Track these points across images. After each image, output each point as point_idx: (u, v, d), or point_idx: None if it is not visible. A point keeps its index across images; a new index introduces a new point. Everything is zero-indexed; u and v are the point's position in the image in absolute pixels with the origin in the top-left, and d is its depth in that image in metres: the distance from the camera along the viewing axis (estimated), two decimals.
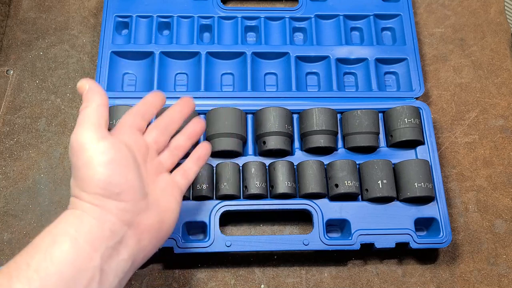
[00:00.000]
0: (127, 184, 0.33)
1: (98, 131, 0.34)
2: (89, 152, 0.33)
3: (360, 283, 0.53)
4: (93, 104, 0.36)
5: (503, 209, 0.58)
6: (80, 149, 0.33)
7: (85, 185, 0.33)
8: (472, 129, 0.62)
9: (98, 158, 0.33)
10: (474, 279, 0.54)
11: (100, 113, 0.35)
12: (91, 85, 0.37)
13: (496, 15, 0.69)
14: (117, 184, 0.33)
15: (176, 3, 0.64)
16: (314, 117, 0.55)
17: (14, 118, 0.60)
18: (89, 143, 0.33)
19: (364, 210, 0.53)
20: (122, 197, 0.33)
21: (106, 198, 0.32)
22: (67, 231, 0.31)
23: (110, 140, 0.34)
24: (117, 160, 0.33)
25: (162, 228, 0.37)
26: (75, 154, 0.33)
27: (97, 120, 0.35)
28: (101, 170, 0.32)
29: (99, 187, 0.32)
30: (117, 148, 0.34)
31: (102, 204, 0.32)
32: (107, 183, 0.32)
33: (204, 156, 0.45)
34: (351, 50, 0.62)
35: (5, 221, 0.55)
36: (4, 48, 0.65)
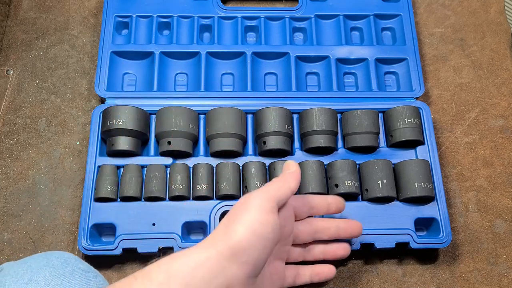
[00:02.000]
0: (254, 260, 0.34)
1: (271, 204, 0.36)
2: (251, 214, 0.35)
3: (360, 283, 0.53)
4: (286, 184, 0.38)
5: (503, 209, 0.58)
6: (246, 207, 0.35)
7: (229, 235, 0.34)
8: (472, 129, 0.62)
9: (254, 225, 0.34)
10: (474, 279, 0.54)
11: (285, 194, 0.38)
12: (296, 170, 0.40)
13: (496, 15, 0.69)
14: (249, 254, 0.34)
15: (176, 3, 0.64)
16: (314, 117, 0.55)
17: (14, 118, 0.60)
18: (256, 207, 0.35)
19: (364, 210, 0.53)
20: (243, 266, 0.34)
21: (231, 258, 0.33)
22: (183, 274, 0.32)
23: (273, 219, 0.35)
24: (264, 237, 0.34)
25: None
26: (239, 207, 0.36)
27: (277, 197, 0.37)
28: (248, 235, 0.34)
29: (237, 246, 0.34)
30: (273, 228, 0.35)
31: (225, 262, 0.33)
32: (244, 248, 0.34)
33: (323, 277, 0.45)
34: (351, 50, 0.62)
35: (5, 221, 0.55)
36: (4, 48, 0.65)
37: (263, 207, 0.35)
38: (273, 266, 0.40)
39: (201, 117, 0.57)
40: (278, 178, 0.39)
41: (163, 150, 0.54)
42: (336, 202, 0.45)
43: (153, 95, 0.58)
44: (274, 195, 0.37)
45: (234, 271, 0.34)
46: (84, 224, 0.51)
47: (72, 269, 0.38)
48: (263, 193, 0.36)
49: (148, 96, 0.58)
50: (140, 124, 0.54)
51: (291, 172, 0.39)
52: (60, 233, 0.55)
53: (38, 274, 0.36)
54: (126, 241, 0.50)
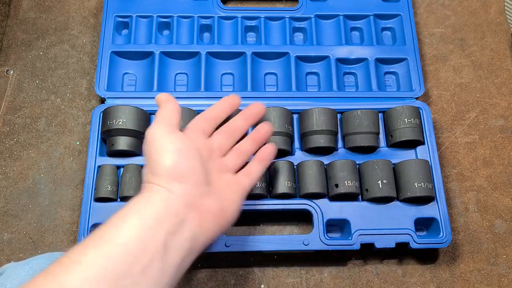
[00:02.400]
0: (191, 170, 0.37)
1: (169, 127, 0.39)
2: (160, 141, 0.38)
3: (360, 283, 0.53)
4: (167, 107, 0.41)
5: (503, 209, 0.58)
6: (153, 139, 0.38)
7: (155, 168, 0.37)
8: (472, 129, 0.62)
9: (167, 146, 0.37)
10: (474, 279, 0.54)
11: (173, 115, 0.41)
12: (167, 96, 0.43)
13: (496, 15, 0.69)
14: (182, 168, 0.37)
15: (176, 3, 0.64)
16: (314, 117, 0.55)
17: (14, 118, 0.60)
18: (160, 134, 0.38)
19: (364, 210, 0.53)
20: (186, 180, 0.36)
21: (172, 180, 0.36)
22: (136, 210, 0.34)
23: (178, 134, 0.39)
24: (183, 149, 0.38)
25: (223, 215, 0.39)
26: (149, 144, 0.38)
27: (169, 119, 0.40)
28: (169, 155, 0.37)
29: (167, 170, 0.36)
30: (184, 140, 0.38)
31: (169, 186, 0.36)
32: (174, 167, 0.36)
33: (268, 156, 0.46)
34: (351, 50, 0.62)
35: (5, 221, 0.55)
36: (4, 48, 0.65)
37: (165, 131, 0.38)
38: (223, 179, 0.41)
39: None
40: (159, 110, 0.42)
41: None
42: (227, 101, 0.46)
43: (153, 95, 0.58)
44: (167, 120, 0.40)
45: (180, 188, 0.36)
46: (84, 224, 0.51)
47: None
48: (157, 124, 0.39)
49: (148, 96, 0.58)
50: (140, 124, 0.54)
51: (163, 99, 0.42)
52: (60, 233, 0.55)
53: None
54: None
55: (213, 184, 0.40)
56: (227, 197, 0.40)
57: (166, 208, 0.35)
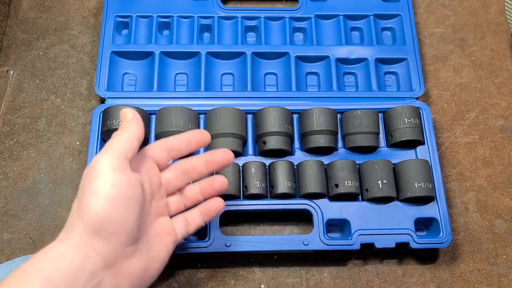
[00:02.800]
0: (123, 227, 0.32)
1: (119, 162, 0.32)
2: (101, 180, 0.31)
3: (360, 283, 0.53)
4: (126, 133, 0.34)
5: (503, 209, 0.58)
6: (93, 174, 0.32)
7: (83, 212, 0.31)
8: (472, 129, 0.62)
9: (106, 189, 0.31)
10: (474, 279, 0.54)
11: (130, 144, 0.34)
12: (134, 115, 0.36)
13: (496, 15, 0.69)
14: (113, 223, 0.31)
15: (176, 3, 0.64)
16: (314, 117, 0.55)
17: (14, 118, 0.60)
18: (104, 171, 0.32)
19: (364, 210, 0.53)
20: (113, 238, 0.31)
21: (97, 235, 0.31)
22: (42, 270, 0.29)
23: (126, 175, 0.33)
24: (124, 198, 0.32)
25: (144, 277, 0.35)
26: (87, 177, 0.32)
27: (123, 151, 0.33)
28: (104, 203, 0.31)
29: (95, 220, 0.31)
30: (129, 186, 0.32)
31: (91, 240, 0.31)
32: (104, 219, 0.31)
33: (214, 212, 0.41)
34: (351, 50, 0.62)
35: (5, 221, 0.55)
36: (4, 48, 0.65)
37: (111, 167, 0.32)
38: (157, 225, 0.37)
39: (201, 117, 0.57)
40: (117, 132, 0.35)
41: None
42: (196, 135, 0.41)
43: (153, 95, 0.58)
44: (119, 151, 0.33)
45: (104, 246, 0.31)
46: None
47: None
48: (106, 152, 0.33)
49: (148, 96, 0.58)
50: None
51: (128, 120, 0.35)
52: (60, 233, 0.55)
53: None
54: None
55: (143, 238, 0.35)
56: (154, 254, 0.35)
57: (81, 270, 0.30)
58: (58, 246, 0.31)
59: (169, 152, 0.39)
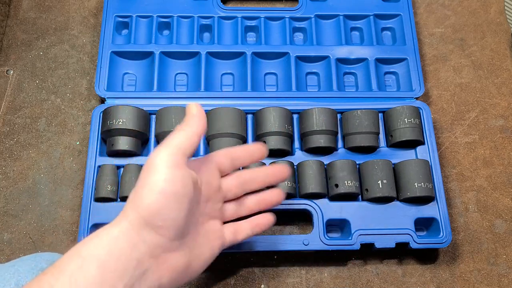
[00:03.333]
0: (172, 221, 0.33)
1: (176, 157, 0.33)
2: (156, 175, 0.32)
3: (360, 283, 0.53)
4: (188, 129, 0.35)
5: (503, 209, 0.58)
6: (150, 167, 0.33)
7: (137, 203, 0.32)
8: (472, 129, 0.62)
9: (159, 184, 0.32)
10: (474, 279, 0.54)
11: (191, 140, 0.35)
12: (198, 111, 0.36)
13: (496, 15, 0.69)
14: (163, 217, 0.32)
15: (176, 3, 0.64)
16: (314, 117, 0.55)
17: (14, 118, 0.60)
18: (161, 165, 0.33)
19: (364, 210, 0.53)
20: (162, 231, 0.32)
21: (146, 226, 0.32)
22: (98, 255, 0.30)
23: (181, 172, 0.33)
24: (175, 194, 0.33)
25: (186, 272, 0.36)
26: (144, 170, 0.33)
27: (183, 146, 0.34)
28: (155, 197, 0.32)
29: (147, 212, 0.32)
30: (182, 183, 0.33)
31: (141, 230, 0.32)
32: (156, 213, 0.32)
33: (263, 227, 0.43)
34: (351, 50, 0.62)
35: (5, 221, 0.55)
36: (4, 48, 0.65)
37: (168, 163, 0.33)
38: (208, 226, 0.38)
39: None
40: (180, 126, 0.35)
41: None
42: (258, 148, 0.42)
43: (153, 95, 0.58)
44: (178, 147, 0.34)
45: (152, 238, 0.32)
46: (84, 224, 0.51)
47: None
48: (166, 147, 0.33)
49: (148, 96, 0.58)
50: (140, 124, 0.54)
51: (193, 114, 0.36)
52: (60, 233, 0.55)
53: (25, 278, 0.35)
54: None
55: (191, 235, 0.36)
56: (198, 252, 0.37)
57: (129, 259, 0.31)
58: (111, 232, 0.32)
59: (232, 161, 0.40)
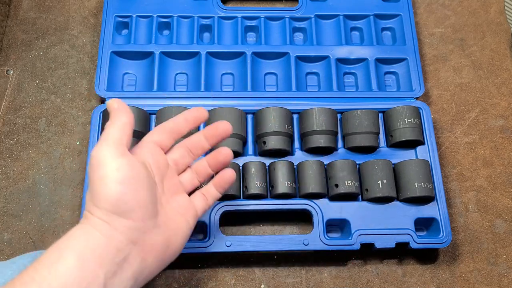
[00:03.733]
0: (137, 203, 0.34)
1: (117, 148, 0.35)
2: (106, 168, 0.33)
3: (360, 283, 0.53)
4: (117, 122, 0.36)
5: (503, 209, 0.58)
6: (97, 164, 0.34)
7: (97, 200, 0.33)
8: (472, 129, 0.62)
9: (113, 174, 0.33)
10: (474, 279, 0.54)
11: (123, 131, 0.36)
12: (119, 104, 0.38)
13: (496, 15, 0.69)
14: (127, 202, 0.33)
15: (176, 3, 0.64)
16: (314, 117, 0.55)
17: (14, 118, 0.60)
18: (106, 159, 0.34)
19: (364, 210, 0.53)
20: (131, 215, 0.33)
21: (115, 215, 0.33)
22: (74, 247, 0.31)
23: (127, 158, 0.35)
24: (131, 178, 0.34)
25: (167, 249, 0.37)
26: (92, 169, 0.34)
27: (119, 138, 0.35)
28: (113, 186, 0.33)
29: (109, 203, 0.33)
30: (133, 167, 0.35)
31: (111, 221, 0.33)
32: (118, 200, 0.33)
33: (227, 181, 0.43)
34: (351, 50, 0.62)
35: (5, 221, 0.55)
36: (4, 48, 0.65)
37: (112, 154, 0.34)
38: (175, 201, 0.39)
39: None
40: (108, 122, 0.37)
41: None
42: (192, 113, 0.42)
43: (153, 95, 0.58)
44: (114, 139, 0.35)
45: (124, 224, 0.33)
46: None
47: None
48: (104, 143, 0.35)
49: (148, 96, 0.58)
50: (140, 124, 0.54)
51: (115, 108, 0.37)
52: (60, 233, 0.55)
53: None
54: None
55: (161, 213, 0.37)
56: (174, 227, 0.38)
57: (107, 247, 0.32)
58: (83, 228, 0.33)
59: (169, 134, 0.41)
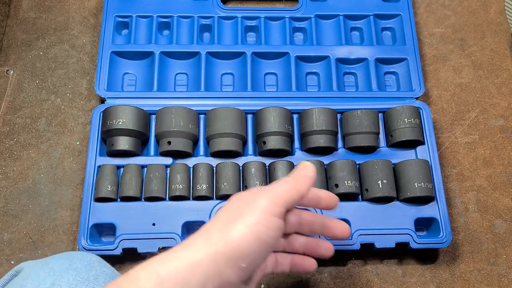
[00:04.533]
0: (253, 266, 0.32)
1: (280, 211, 0.33)
2: (256, 217, 0.32)
3: (360, 283, 0.53)
4: (298, 189, 0.35)
5: (503, 209, 0.58)
6: (252, 206, 0.32)
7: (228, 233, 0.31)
8: (472, 129, 0.62)
9: (258, 228, 0.31)
10: (474, 279, 0.54)
11: (295, 200, 0.34)
12: (313, 175, 0.36)
13: (496, 15, 0.69)
14: (249, 260, 0.31)
15: (176, 3, 0.64)
16: (314, 117, 0.55)
17: (14, 118, 0.60)
18: (261, 208, 0.32)
19: (364, 210, 0.53)
20: (240, 272, 0.31)
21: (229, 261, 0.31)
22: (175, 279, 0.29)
23: (277, 222, 0.33)
24: (267, 243, 0.32)
25: None
26: (244, 205, 0.32)
27: (288, 202, 0.34)
28: (250, 237, 0.31)
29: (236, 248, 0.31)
30: (275, 233, 0.33)
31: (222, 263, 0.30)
32: (244, 253, 0.31)
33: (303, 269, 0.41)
34: (351, 50, 0.62)
35: (5, 221, 0.55)
36: (4, 48, 0.65)
37: (270, 210, 0.32)
38: None
39: (201, 117, 0.57)
40: (289, 179, 0.35)
41: (163, 150, 0.54)
42: (327, 197, 0.39)
43: (153, 95, 0.58)
44: (283, 199, 0.33)
45: (229, 275, 0.31)
46: (84, 224, 0.51)
47: (96, 273, 0.36)
48: (272, 195, 0.33)
49: (148, 96, 0.58)
50: (140, 124, 0.54)
51: (306, 176, 0.36)
52: (60, 233, 0.55)
53: (61, 278, 0.35)
54: (126, 241, 0.50)
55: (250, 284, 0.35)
56: None
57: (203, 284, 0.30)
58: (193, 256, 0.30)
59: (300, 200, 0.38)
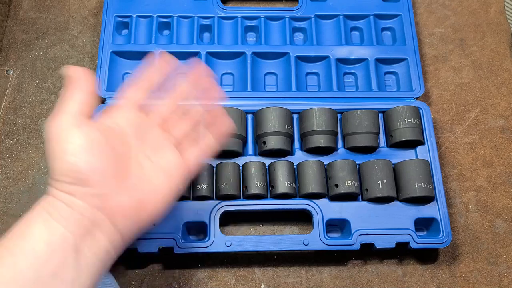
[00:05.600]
0: (93, 171, 0.33)
1: (76, 118, 0.34)
2: (62, 140, 0.33)
3: (360, 283, 0.53)
4: (77, 91, 0.35)
5: (503, 209, 0.58)
6: (53, 136, 0.33)
7: (53, 172, 0.33)
8: (472, 129, 0.62)
9: (64, 146, 0.33)
10: (474, 279, 0.54)
11: (83, 101, 0.35)
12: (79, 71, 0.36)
13: (496, 15, 0.69)
14: (81, 171, 0.33)
15: (176, 3, 0.64)
16: (314, 117, 0.55)
17: (14, 118, 0.60)
18: (59, 131, 0.33)
19: (364, 210, 0.53)
20: (88, 183, 0.33)
21: (72, 185, 0.33)
22: (40, 215, 0.32)
23: (82, 129, 0.34)
24: (85, 147, 0.33)
25: (141, 211, 0.35)
26: (47, 141, 0.34)
27: (78, 108, 0.34)
28: (66, 158, 0.33)
29: (63, 175, 0.33)
30: (88, 136, 0.33)
31: (69, 190, 0.33)
32: (71, 171, 0.33)
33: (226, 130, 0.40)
34: (351, 50, 0.62)
35: (5, 221, 0.55)
36: (4, 48, 0.65)
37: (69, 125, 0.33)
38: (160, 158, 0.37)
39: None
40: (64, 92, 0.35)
41: None
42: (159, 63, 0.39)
43: None
44: (72, 109, 0.34)
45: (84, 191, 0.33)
46: None
47: None
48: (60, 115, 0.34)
49: None
50: None
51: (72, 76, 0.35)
52: None
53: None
54: None
55: (133, 175, 0.35)
56: (150, 188, 0.36)
57: (71, 213, 0.32)
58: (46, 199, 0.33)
59: (145, 90, 0.38)
